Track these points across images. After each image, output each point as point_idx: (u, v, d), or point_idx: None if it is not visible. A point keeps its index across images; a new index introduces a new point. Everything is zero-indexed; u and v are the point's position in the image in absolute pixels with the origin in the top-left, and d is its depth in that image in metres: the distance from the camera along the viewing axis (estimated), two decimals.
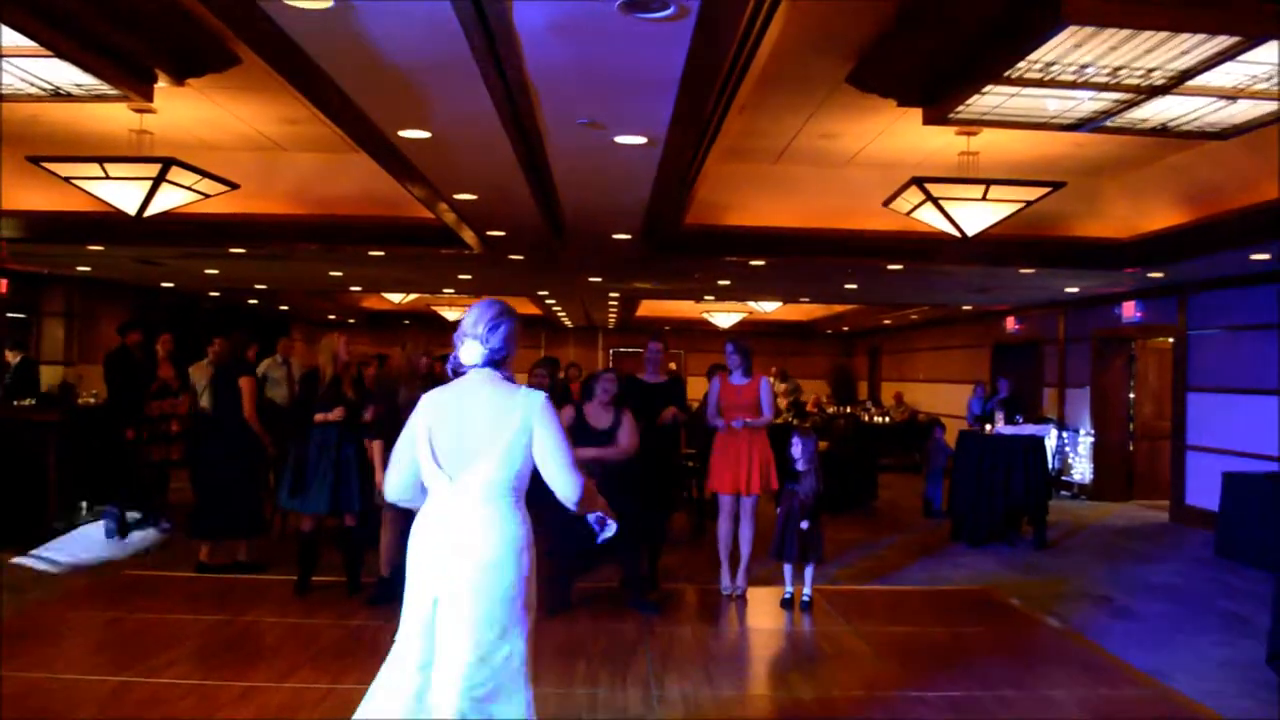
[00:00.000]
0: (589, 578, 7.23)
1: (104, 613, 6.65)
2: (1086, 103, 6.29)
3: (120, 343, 9.64)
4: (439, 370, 7.19)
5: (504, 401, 3.23)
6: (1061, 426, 14.68)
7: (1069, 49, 5.37)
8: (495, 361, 3.29)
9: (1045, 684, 5.58)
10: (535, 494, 3.30)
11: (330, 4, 4.07)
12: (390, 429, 6.08)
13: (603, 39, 4.40)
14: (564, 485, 3.23)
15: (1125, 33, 5.15)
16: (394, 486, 3.33)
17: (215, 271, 13.91)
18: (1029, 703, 5.24)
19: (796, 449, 7.04)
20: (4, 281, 13.17)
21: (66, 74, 5.72)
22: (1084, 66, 5.62)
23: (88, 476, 9.24)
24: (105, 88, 5.91)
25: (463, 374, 3.32)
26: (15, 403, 10.62)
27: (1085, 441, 14.31)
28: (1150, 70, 5.64)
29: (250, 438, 7.76)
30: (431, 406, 3.29)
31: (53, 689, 5.02)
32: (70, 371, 14.30)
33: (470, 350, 3.27)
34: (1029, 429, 10.88)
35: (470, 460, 3.17)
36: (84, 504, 9.65)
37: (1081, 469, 14.37)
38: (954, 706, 5.11)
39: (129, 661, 5.52)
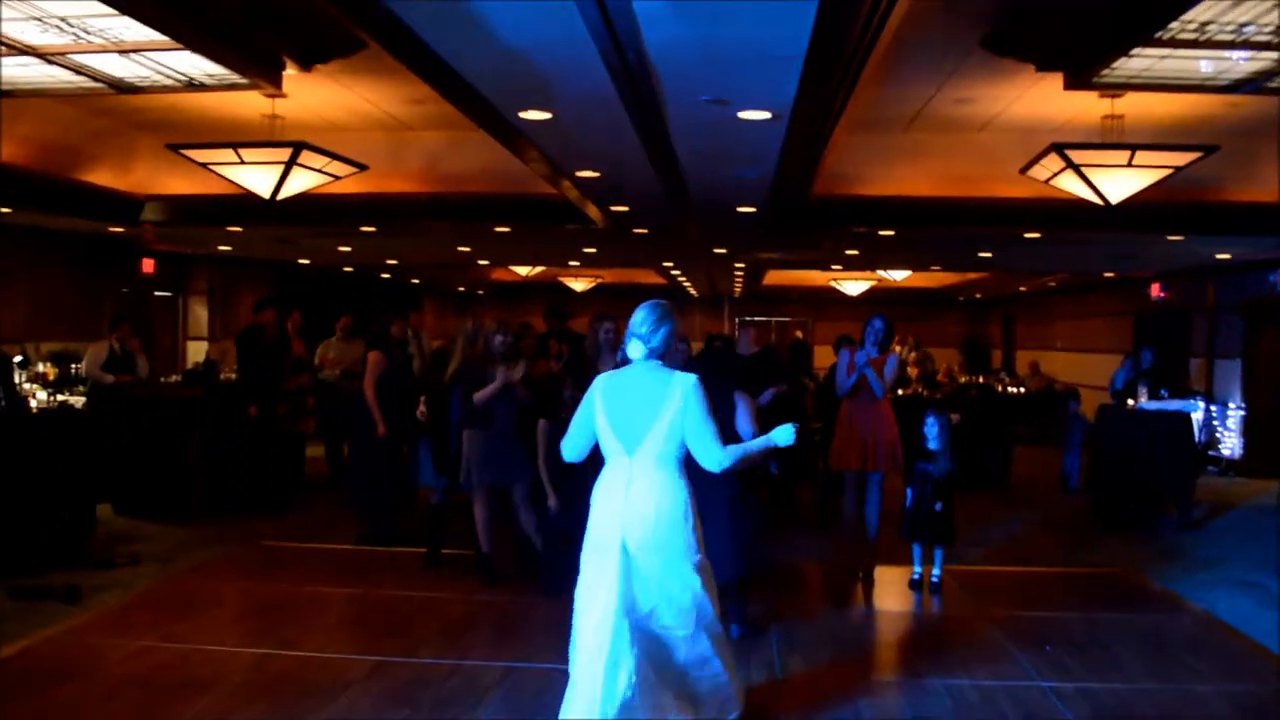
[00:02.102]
0: None
1: (243, 583, 6.95)
2: (1245, 63, 5.90)
3: (252, 321, 9.93)
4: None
5: (664, 387, 3.92)
6: (1209, 400, 13.97)
7: (1226, 7, 5.03)
8: (655, 356, 4.00)
9: (1188, 677, 5.30)
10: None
11: None
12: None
13: (724, 16, 4.30)
14: (708, 458, 3.89)
15: None
16: (570, 449, 4.15)
17: (348, 249, 14.30)
18: (1170, 697, 5.01)
19: (931, 428, 6.84)
20: (151, 261, 13.77)
21: (199, 65, 5.90)
22: (1243, 25, 5.25)
23: (228, 450, 9.58)
24: (236, 77, 6.08)
25: (629, 363, 4.07)
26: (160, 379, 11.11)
27: (1235, 415, 13.60)
28: None
29: (393, 413, 7.86)
30: (605, 389, 4.04)
31: (198, 660, 5.24)
32: (214, 348, 14.90)
33: (635, 347, 4.01)
34: (1175, 404, 10.38)
35: (642, 435, 3.90)
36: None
37: (1231, 443, 13.67)
38: (1089, 699, 4.91)
39: (266, 633, 5.74)
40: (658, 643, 3.89)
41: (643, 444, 3.89)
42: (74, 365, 10.38)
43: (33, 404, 8.62)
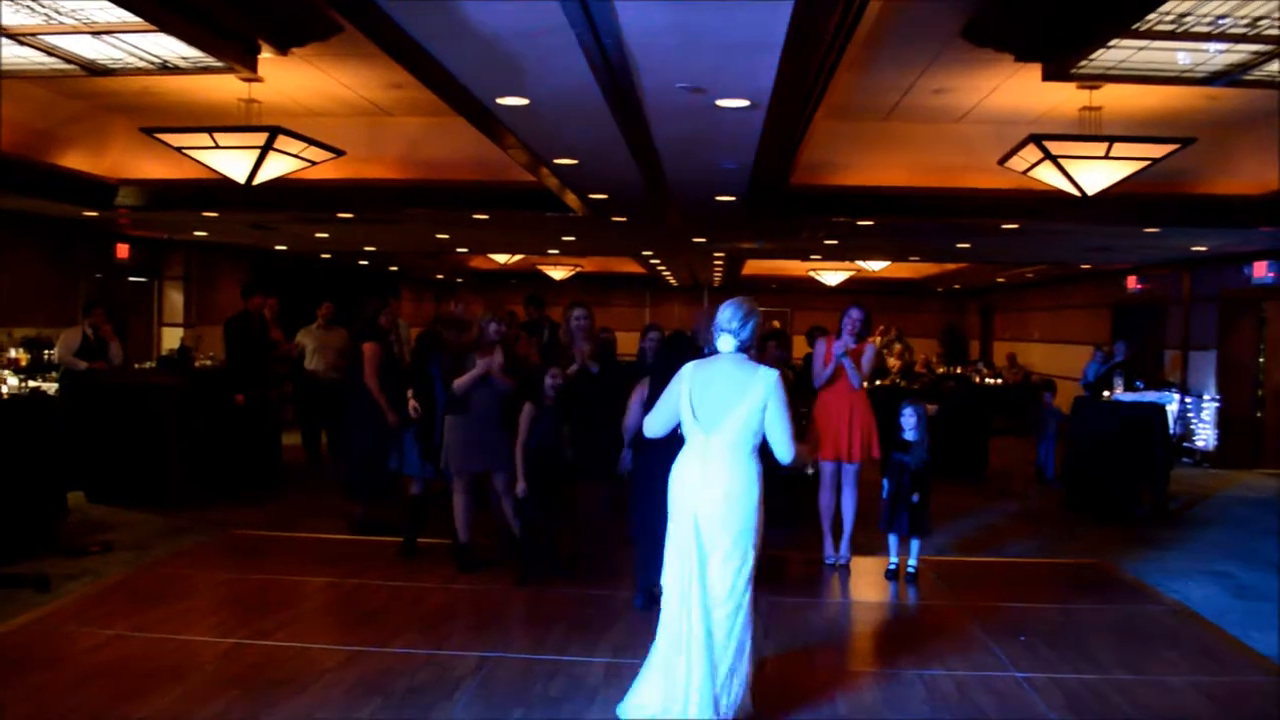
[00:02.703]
0: None
1: (217, 572, 6.88)
2: (1221, 55, 5.92)
3: (242, 308, 9.80)
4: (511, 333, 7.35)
5: (747, 379, 4.21)
6: (1184, 391, 14.07)
7: None
8: (742, 349, 4.32)
9: (1161, 668, 5.33)
10: None
11: None
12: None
13: (702, 2, 4.26)
14: (781, 450, 4.21)
15: None
16: (654, 426, 4.46)
17: (326, 235, 14.19)
18: (1144, 688, 5.02)
19: (909, 419, 6.85)
20: (125, 246, 13.61)
21: (172, 47, 5.82)
22: (1220, 17, 5.27)
23: (204, 438, 9.49)
24: (210, 60, 6.01)
25: (717, 353, 4.35)
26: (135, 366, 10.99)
27: (1209, 407, 13.70)
28: None
29: (392, 402, 7.74)
30: (693, 375, 4.29)
31: (169, 649, 5.19)
32: (189, 334, 14.75)
33: (725, 341, 4.31)
34: (1150, 396, 10.44)
35: (720, 420, 4.18)
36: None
37: (1205, 435, 13.77)
38: (1063, 690, 4.94)
39: (241, 623, 5.70)
40: (710, 621, 4.17)
41: (720, 427, 4.18)
42: (47, 351, 10.25)
43: (4, 390, 8.53)
